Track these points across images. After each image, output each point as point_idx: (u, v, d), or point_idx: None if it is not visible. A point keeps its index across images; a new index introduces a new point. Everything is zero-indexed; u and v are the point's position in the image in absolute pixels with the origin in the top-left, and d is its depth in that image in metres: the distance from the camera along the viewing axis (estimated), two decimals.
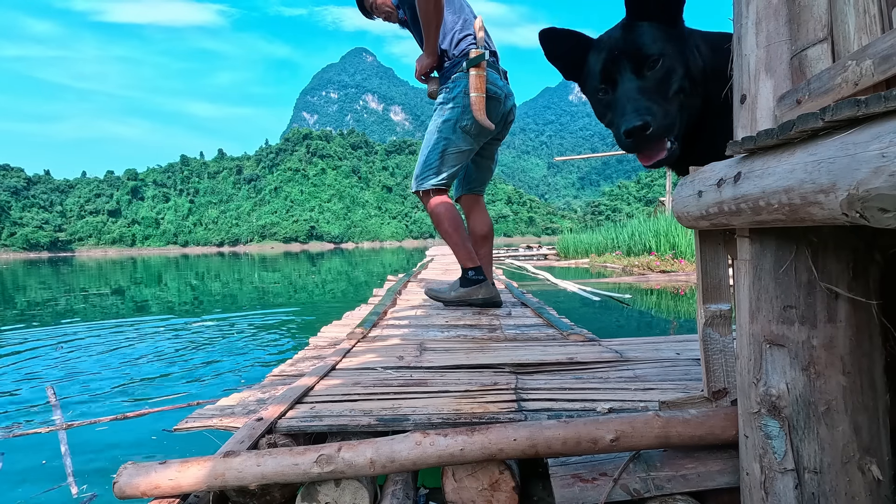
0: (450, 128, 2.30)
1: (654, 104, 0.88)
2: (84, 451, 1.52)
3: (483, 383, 1.24)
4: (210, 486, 0.80)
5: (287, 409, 1.07)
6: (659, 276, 6.96)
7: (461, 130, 2.32)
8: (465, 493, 0.89)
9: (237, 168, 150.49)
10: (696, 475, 0.82)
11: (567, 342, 1.78)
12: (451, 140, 2.32)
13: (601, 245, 11.61)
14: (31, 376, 2.48)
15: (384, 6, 2.54)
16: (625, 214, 71.40)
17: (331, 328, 2.32)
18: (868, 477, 0.65)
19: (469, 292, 2.51)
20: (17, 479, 1.36)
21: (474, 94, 2.21)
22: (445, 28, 2.29)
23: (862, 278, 0.65)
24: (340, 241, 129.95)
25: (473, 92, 2.21)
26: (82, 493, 1.27)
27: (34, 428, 1.72)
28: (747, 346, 0.71)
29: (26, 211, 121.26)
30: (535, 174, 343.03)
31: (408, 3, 2.38)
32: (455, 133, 2.31)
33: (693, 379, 1.25)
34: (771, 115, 0.67)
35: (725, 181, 0.66)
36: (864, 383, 0.65)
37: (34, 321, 4.56)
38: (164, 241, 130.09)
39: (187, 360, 2.78)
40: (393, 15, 2.55)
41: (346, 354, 1.63)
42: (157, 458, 1.14)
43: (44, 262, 34.11)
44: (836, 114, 0.47)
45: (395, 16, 2.55)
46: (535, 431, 0.81)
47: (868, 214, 0.43)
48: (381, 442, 0.83)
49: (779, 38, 0.67)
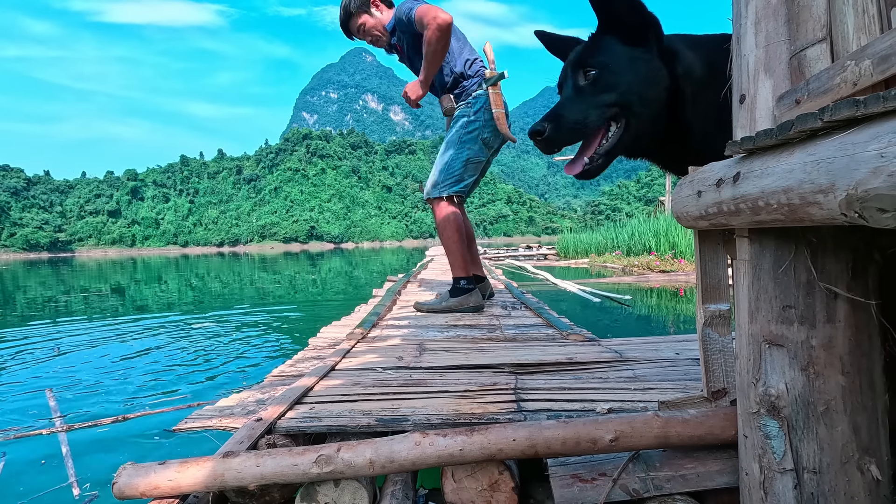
0: (473, 139, 2.47)
1: (568, 114, 0.94)
2: (84, 453, 1.52)
3: (482, 383, 1.24)
4: (209, 487, 0.80)
5: (286, 409, 1.07)
6: (659, 276, 6.96)
7: (482, 142, 2.50)
8: (464, 493, 0.89)
9: (237, 168, 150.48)
10: (695, 475, 0.82)
11: (567, 342, 1.78)
12: (474, 150, 2.49)
13: (601, 245, 11.61)
14: (29, 378, 2.48)
15: (374, 30, 2.54)
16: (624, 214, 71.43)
17: (330, 329, 2.32)
18: (867, 477, 0.65)
19: (460, 302, 2.58)
20: (19, 480, 1.36)
21: (496, 110, 2.42)
22: (454, 53, 2.46)
23: (861, 278, 0.64)
24: (340, 241, 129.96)
25: (495, 108, 2.42)
26: (84, 494, 1.27)
27: (34, 430, 1.72)
28: (746, 346, 0.71)
29: (26, 211, 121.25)
30: (534, 174, 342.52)
31: (409, 32, 2.41)
32: (476, 144, 2.49)
33: (692, 379, 1.25)
34: (770, 115, 0.67)
35: (724, 181, 0.66)
36: (863, 383, 0.65)
37: (33, 322, 4.56)
38: (164, 241, 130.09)
39: (187, 360, 2.78)
40: (382, 39, 2.57)
41: (346, 355, 1.63)
42: (156, 458, 1.14)
43: (44, 262, 34.11)
44: (835, 114, 0.47)
45: (383, 40, 2.57)
46: (534, 432, 0.81)
47: (867, 214, 0.43)
48: (380, 442, 0.83)
49: (778, 38, 0.67)
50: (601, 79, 0.94)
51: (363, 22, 2.52)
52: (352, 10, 2.50)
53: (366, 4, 2.52)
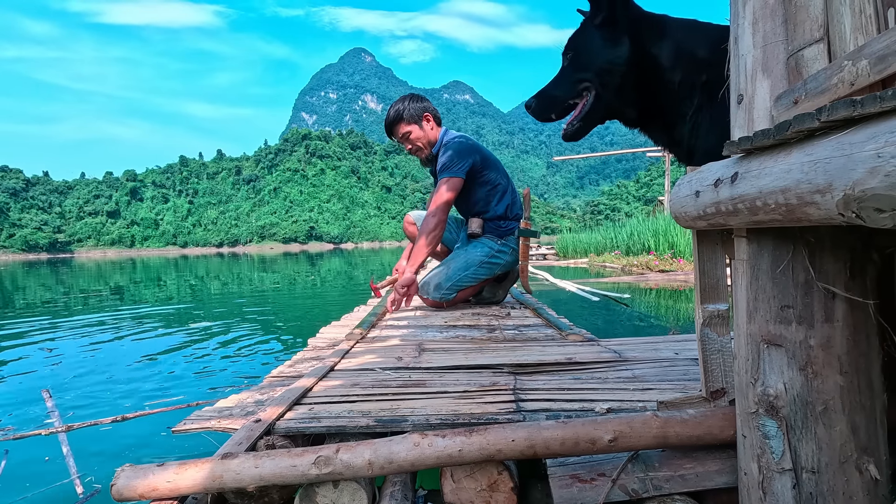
0: (488, 269, 2.68)
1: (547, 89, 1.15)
2: (84, 452, 1.52)
3: (482, 384, 1.24)
4: (208, 488, 0.80)
5: (285, 410, 1.06)
6: (658, 276, 6.97)
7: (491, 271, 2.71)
8: (463, 493, 0.89)
9: (236, 169, 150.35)
10: (694, 475, 0.82)
11: (566, 342, 1.78)
12: (482, 275, 2.69)
13: (600, 245, 11.62)
14: (27, 379, 2.48)
15: (418, 141, 2.62)
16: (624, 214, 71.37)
17: (329, 329, 2.32)
18: (865, 476, 0.65)
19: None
20: (22, 478, 1.37)
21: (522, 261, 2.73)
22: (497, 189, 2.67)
23: (859, 278, 0.65)
24: (340, 241, 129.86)
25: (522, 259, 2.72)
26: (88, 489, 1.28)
27: (33, 431, 1.72)
28: (745, 346, 0.71)
29: (25, 212, 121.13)
30: (534, 174, 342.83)
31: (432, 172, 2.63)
32: (489, 273, 2.70)
33: (691, 379, 1.25)
34: (768, 115, 0.67)
35: (722, 181, 0.66)
36: (861, 383, 0.65)
37: (32, 322, 4.56)
38: (164, 241, 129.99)
39: (185, 362, 2.78)
40: (422, 152, 2.67)
41: (345, 355, 1.63)
42: (155, 458, 1.14)
43: (43, 263, 34.08)
44: (832, 114, 0.47)
45: (423, 153, 2.67)
46: (533, 432, 0.81)
47: (864, 214, 0.43)
48: (379, 443, 0.83)
49: (775, 38, 0.67)
50: (573, 59, 1.13)
51: (410, 130, 2.60)
52: (405, 117, 2.58)
53: (419, 117, 2.60)
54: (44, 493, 1.28)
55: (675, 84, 1.03)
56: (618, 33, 1.07)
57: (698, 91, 1.00)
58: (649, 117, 1.11)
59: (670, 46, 1.04)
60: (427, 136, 2.62)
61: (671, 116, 1.06)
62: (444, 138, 2.65)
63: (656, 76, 1.05)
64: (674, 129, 1.07)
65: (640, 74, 1.06)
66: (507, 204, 2.70)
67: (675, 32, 1.05)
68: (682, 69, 1.02)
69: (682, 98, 1.02)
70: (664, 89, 1.04)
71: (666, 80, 1.04)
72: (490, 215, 2.67)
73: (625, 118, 1.15)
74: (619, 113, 1.14)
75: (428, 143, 2.64)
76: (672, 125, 1.07)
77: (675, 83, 1.03)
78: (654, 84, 1.06)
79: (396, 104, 2.61)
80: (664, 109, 1.07)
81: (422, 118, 2.61)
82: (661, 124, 1.10)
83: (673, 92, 1.03)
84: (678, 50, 1.03)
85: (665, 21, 1.08)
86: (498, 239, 2.67)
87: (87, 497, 1.25)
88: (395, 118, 2.61)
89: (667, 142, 1.12)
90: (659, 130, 1.12)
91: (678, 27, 1.06)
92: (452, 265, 2.61)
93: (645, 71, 1.06)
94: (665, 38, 1.05)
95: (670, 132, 1.09)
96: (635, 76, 1.06)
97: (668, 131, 1.09)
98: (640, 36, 1.06)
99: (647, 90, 1.07)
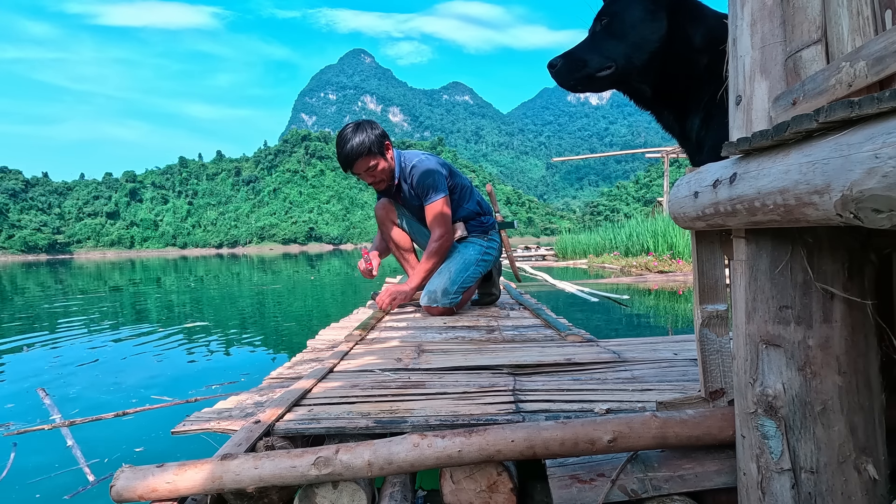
0: (484, 266, 2.75)
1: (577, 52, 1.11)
2: (88, 447, 1.55)
3: (481, 385, 1.24)
4: (207, 490, 0.80)
5: (285, 411, 1.06)
6: (657, 277, 6.97)
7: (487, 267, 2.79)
8: (463, 494, 0.89)
9: (236, 170, 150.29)
10: (693, 475, 0.82)
11: (565, 343, 1.78)
12: (480, 272, 2.76)
13: (599, 245, 11.63)
14: (24, 379, 2.47)
15: (382, 173, 2.54)
16: (623, 214, 71.47)
17: (329, 331, 2.31)
18: (864, 476, 0.65)
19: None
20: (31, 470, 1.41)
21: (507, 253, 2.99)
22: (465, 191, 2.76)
23: (857, 278, 0.65)
24: (339, 242, 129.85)
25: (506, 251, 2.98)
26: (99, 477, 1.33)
27: (35, 426, 1.74)
28: (744, 347, 0.71)
29: (24, 213, 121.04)
30: (533, 175, 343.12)
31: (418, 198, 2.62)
32: (486, 268, 2.78)
33: (690, 379, 1.25)
34: (766, 116, 0.67)
35: (721, 182, 0.66)
36: (859, 383, 0.65)
37: (30, 322, 4.55)
38: (163, 242, 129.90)
39: (184, 362, 2.78)
40: (384, 183, 2.60)
41: (344, 357, 1.63)
42: (154, 459, 1.14)
43: (42, 264, 34.03)
44: (830, 115, 0.47)
45: (385, 184, 2.61)
46: (532, 432, 0.81)
47: (862, 215, 0.43)
48: (378, 444, 0.83)
49: (773, 39, 0.67)
50: (608, 26, 1.09)
51: (376, 163, 2.49)
52: (373, 150, 2.45)
53: (382, 146, 2.49)
54: (54, 479, 1.33)
55: (701, 67, 1.02)
56: (658, 7, 1.06)
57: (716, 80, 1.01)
58: (665, 99, 1.11)
59: (704, 29, 1.04)
60: (390, 165, 2.55)
61: (687, 101, 1.06)
62: (403, 162, 2.59)
63: (684, 57, 1.04)
64: (686, 117, 1.07)
65: (669, 53, 1.06)
66: (476, 199, 2.80)
67: (709, 19, 1.06)
68: (709, 54, 1.01)
69: (703, 83, 1.02)
70: (688, 71, 1.04)
71: (693, 61, 1.03)
72: (466, 214, 2.74)
73: (638, 95, 1.13)
74: (633, 88, 1.12)
75: (391, 172, 2.58)
76: (685, 112, 1.07)
77: (701, 66, 1.03)
78: (679, 65, 1.05)
79: (354, 136, 2.42)
80: (682, 92, 1.06)
81: (384, 147, 2.51)
82: (675, 110, 1.10)
83: (697, 76, 1.03)
84: (710, 34, 1.03)
85: (701, 5, 1.09)
86: (484, 235, 2.77)
87: (99, 480, 1.31)
88: (358, 151, 2.41)
89: (678, 132, 1.12)
90: (671, 116, 1.12)
91: (711, 14, 1.07)
92: (453, 269, 2.61)
93: (675, 50, 1.05)
94: (701, 21, 1.05)
95: (682, 122, 1.09)
96: (663, 54, 1.06)
97: (681, 120, 1.09)
98: (679, 13, 1.06)
99: (670, 70, 1.07)
